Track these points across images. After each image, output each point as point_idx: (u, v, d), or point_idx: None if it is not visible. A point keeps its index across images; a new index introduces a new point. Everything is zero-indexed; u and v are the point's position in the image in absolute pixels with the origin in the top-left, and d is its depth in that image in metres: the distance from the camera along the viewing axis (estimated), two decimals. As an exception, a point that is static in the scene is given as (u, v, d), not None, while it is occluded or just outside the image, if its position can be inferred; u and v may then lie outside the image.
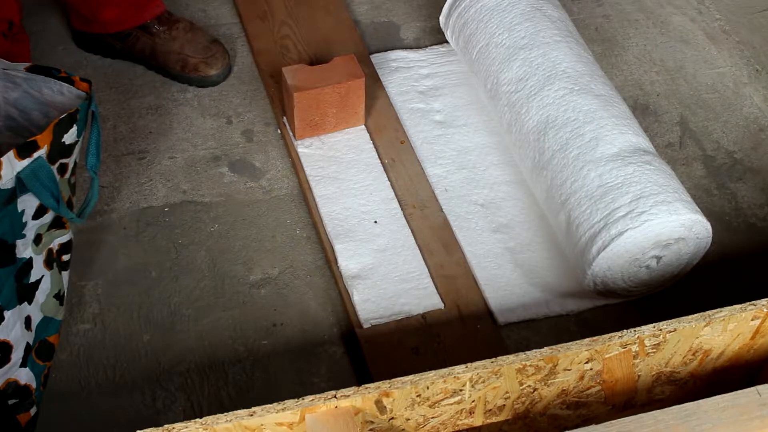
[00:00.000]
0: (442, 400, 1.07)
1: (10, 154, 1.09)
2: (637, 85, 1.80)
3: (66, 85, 1.23)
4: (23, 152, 1.11)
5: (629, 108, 1.53)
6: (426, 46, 1.82)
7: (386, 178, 1.56)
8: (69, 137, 1.18)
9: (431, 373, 1.04)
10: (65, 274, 1.29)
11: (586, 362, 1.10)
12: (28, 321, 1.20)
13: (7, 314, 1.14)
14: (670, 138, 1.71)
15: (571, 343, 1.08)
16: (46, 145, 1.14)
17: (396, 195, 1.54)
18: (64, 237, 1.26)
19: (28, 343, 1.19)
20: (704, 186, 1.64)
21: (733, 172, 1.67)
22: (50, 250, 1.23)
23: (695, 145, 1.71)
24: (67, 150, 1.19)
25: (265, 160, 1.61)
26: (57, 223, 1.23)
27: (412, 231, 1.50)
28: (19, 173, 1.12)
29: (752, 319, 1.15)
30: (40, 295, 1.22)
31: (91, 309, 1.40)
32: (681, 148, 1.70)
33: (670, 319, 1.12)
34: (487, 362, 1.05)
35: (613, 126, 1.45)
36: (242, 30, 1.82)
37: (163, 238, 1.49)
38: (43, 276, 1.22)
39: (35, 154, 1.13)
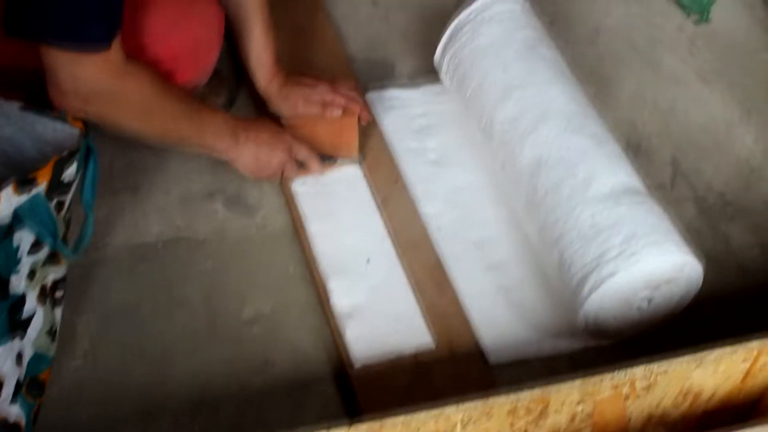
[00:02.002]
0: (433, 439, 1.07)
1: (9, 189, 1.10)
2: (629, 125, 1.82)
3: (59, 122, 1.23)
4: (22, 187, 1.12)
5: (622, 148, 1.54)
6: (421, 85, 1.83)
7: (380, 216, 1.57)
8: (68, 174, 1.19)
9: (422, 413, 1.04)
10: (58, 309, 1.29)
11: (578, 404, 1.10)
12: (19, 357, 1.20)
13: (-2, 350, 1.15)
14: (662, 178, 1.73)
15: (561, 383, 1.08)
16: (45, 182, 1.15)
17: (389, 233, 1.55)
18: (58, 273, 1.26)
19: (18, 379, 1.19)
20: (696, 226, 1.65)
21: (724, 213, 1.68)
22: (44, 286, 1.23)
23: (687, 186, 1.72)
24: (65, 187, 1.20)
25: (260, 197, 1.62)
26: (52, 259, 1.23)
27: (405, 269, 1.50)
28: (16, 208, 1.12)
29: (743, 361, 1.16)
30: (33, 331, 1.22)
31: (83, 344, 1.40)
32: (673, 188, 1.71)
33: (662, 359, 1.12)
34: (478, 402, 1.06)
35: (605, 166, 1.46)
36: (238, 63, 1.83)
37: (157, 274, 1.49)
38: (36, 312, 1.22)
39: (34, 190, 1.14)
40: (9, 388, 1.17)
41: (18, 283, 1.17)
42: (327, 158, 1.59)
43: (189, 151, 1.47)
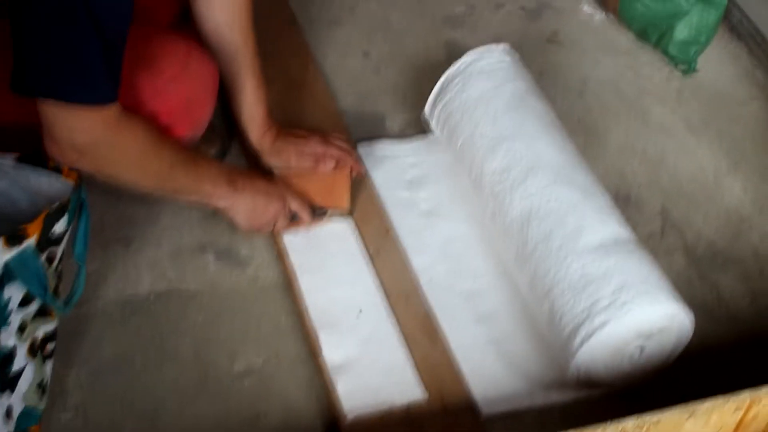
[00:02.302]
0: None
1: None
2: (619, 176, 1.83)
3: (54, 174, 1.24)
4: (12, 241, 1.12)
5: (611, 198, 1.55)
6: (411, 136, 1.85)
7: (371, 268, 1.57)
8: (59, 227, 1.19)
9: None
10: (49, 363, 1.28)
11: (570, 456, 1.10)
12: (9, 411, 1.19)
13: (-12, 405, 1.14)
14: (651, 228, 1.73)
15: (554, 436, 1.08)
16: (35, 235, 1.15)
17: (381, 285, 1.55)
18: (48, 326, 1.26)
19: (8, 434, 1.19)
20: (686, 276, 1.65)
21: (714, 263, 1.68)
22: (34, 339, 1.23)
23: (677, 235, 1.73)
24: (56, 240, 1.20)
25: (251, 249, 1.62)
26: (42, 312, 1.23)
27: (396, 321, 1.50)
28: (7, 262, 1.13)
29: (734, 411, 1.15)
30: (23, 385, 1.21)
31: (73, 398, 1.39)
32: (663, 238, 1.72)
33: (654, 410, 1.12)
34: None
35: (595, 216, 1.46)
36: (229, 118, 1.84)
37: (148, 327, 1.49)
38: (26, 365, 1.21)
39: (24, 243, 1.14)
40: (-2, 444, 1.17)
41: (8, 337, 1.17)
42: (318, 211, 1.59)
43: (185, 200, 1.46)
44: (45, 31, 1.11)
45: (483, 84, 1.66)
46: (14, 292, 1.16)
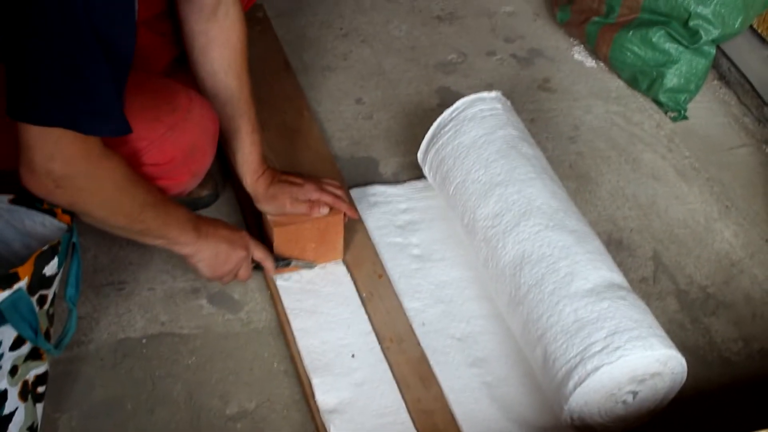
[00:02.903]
0: None
1: (-9, 285, 1.10)
2: (610, 221, 1.84)
3: (48, 216, 1.25)
4: (3, 284, 1.12)
5: (603, 243, 1.55)
6: (404, 181, 1.86)
7: (364, 312, 1.57)
8: (50, 269, 1.19)
9: None
10: (39, 405, 1.28)
11: (564, 500, 1.09)
12: (-1, 455, 1.19)
13: (-22, 448, 1.13)
14: (643, 273, 1.74)
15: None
16: (26, 277, 1.15)
17: (374, 329, 1.55)
18: (40, 368, 1.26)
19: (-2, 477, 1.18)
20: (678, 320, 1.66)
21: (706, 307, 1.69)
22: (26, 382, 1.23)
23: (669, 280, 1.73)
24: (48, 281, 1.20)
25: (244, 293, 1.62)
26: (34, 355, 1.23)
27: (389, 365, 1.50)
28: (-2, 304, 1.12)
29: (728, 456, 1.15)
30: (14, 427, 1.21)
31: (64, 442, 1.39)
32: (655, 282, 1.73)
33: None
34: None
35: (587, 261, 1.47)
36: (223, 161, 1.84)
37: (140, 370, 1.49)
38: (17, 408, 1.21)
39: (15, 286, 1.14)
40: (-12, 487, 1.16)
41: (0, 380, 1.16)
42: (282, 261, 1.59)
43: (148, 243, 1.41)
44: (53, 57, 1.08)
45: (475, 130, 1.67)
46: (6, 335, 1.16)
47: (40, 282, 1.18)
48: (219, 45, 1.47)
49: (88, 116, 1.14)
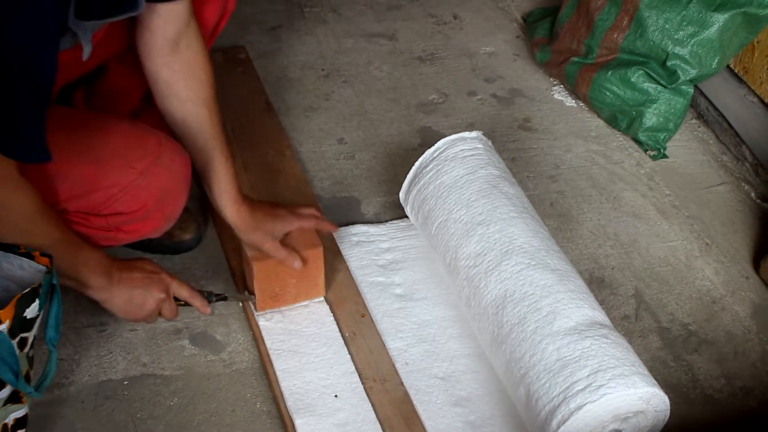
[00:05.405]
0: None
1: (-29, 329, 1.09)
2: (592, 259, 1.85)
3: (26, 259, 1.24)
4: (-16, 327, 1.11)
5: (585, 281, 1.56)
6: (386, 221, 1.87)
7: (347, 352, 1.57)
8: (31, 311, 1.18)
9: None
10: (19, 450, 1.27)
11: None
12: (-22, 500, 1.17)
13: (-43, 493, 1.12)
14: (625, 310, 1.75)
15: None
16: (8, 320, 1.14)
17: (356, 368, 1.54)
18: (20, 412, 1.25)
19: None
20: (661, 358, 1.66)
21: (688, 344, 1.69)
22: (5, 426, 1.22)
23: (651, 318, 1.74)
24: (28, 324, 1.19)
25: (227, 333, 1.61)
26: (13, 398, 1.22)
27: (372, 405, 1.49)
28: (-22, 348, 1.12)
29: (712, 494, 1.15)
30: (-7, 472, 1.19)
31: (44, 486, 1.37)
32: (637, 320, 1.73)
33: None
34: None
35: (569, 300, 1.47)
36: (204, 204, 1.85)
37: (122, 412, 1.48)
38: (-4, 453, 1.20)
39: (-4, 329, 1.13)
40: None
41: (-21, 423, 1.15)
42: (213, 296, 1.56)
43: (64, 284, 1.36)
44: None
45: (456, 170, 1.68)
46: (-14, 377, 1.15)
47: (20, 325, 1.18)
48: (184, 76, 1.45)
49: (7, 139, 1.13)
